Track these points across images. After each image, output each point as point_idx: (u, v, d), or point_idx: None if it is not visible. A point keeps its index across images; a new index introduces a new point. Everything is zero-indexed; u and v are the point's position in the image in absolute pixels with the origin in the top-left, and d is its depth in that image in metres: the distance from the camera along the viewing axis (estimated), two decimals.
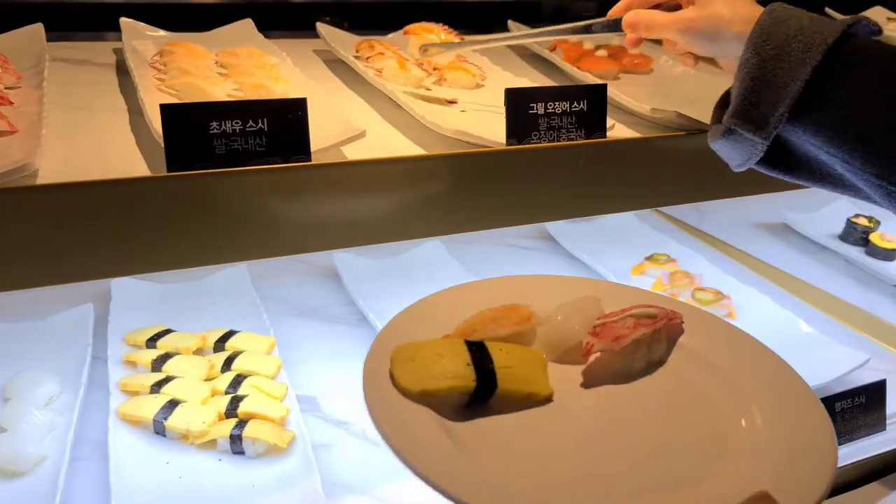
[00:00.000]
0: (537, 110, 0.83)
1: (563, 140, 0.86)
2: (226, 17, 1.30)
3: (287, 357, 1.25)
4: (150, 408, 1.07)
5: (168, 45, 1.11)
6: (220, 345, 1.25)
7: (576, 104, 0.86)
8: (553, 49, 1.32)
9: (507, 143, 0.84)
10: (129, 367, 1.20)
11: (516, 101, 0.83)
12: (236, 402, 1.10)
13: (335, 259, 1.54)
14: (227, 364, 1.19)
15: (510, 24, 1.43)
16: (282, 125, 0.72)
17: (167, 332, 1.27)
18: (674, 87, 1.20)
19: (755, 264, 1.72)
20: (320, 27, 1.30)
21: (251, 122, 0.71)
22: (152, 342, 1.24)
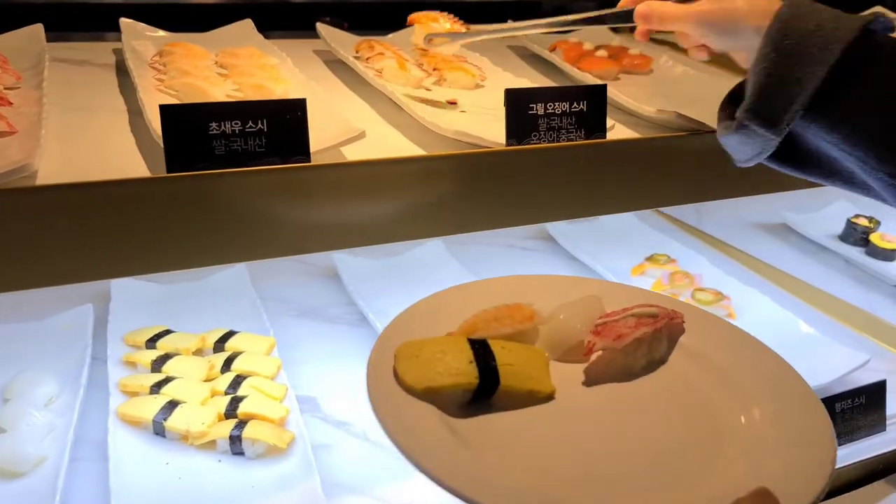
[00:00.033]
0: (537, 111, 0.83)
1: (563, 140, 0.86)
2: (225, 18, 1.30)
3: (287, 357, 1.25)
4: (150, 408, 1.07)
5: (168, 46, 1.11)
6: (219, 345, 1.25)
7: (575, 105, 0.85)
8: (553, 49, 1.32)
9: (507, 143, 0.84)
10: (128, 368, 1.20)
11: (516, 102, 0.83)
12: (236, 402, 1.10)
13: (335, 259, 1.54)
14: (227, 365, 1.19)
15: (510, 24, 1.42)
16: (281, 126, 0.72)
17: (167, 332, 1.27)
18: (674, 88, 1.20)
19: (755, 265, 1.72)
20: (320, 27, 1.30)
21: (251, 123, 0.71)
22: (152, 343, 1.24)
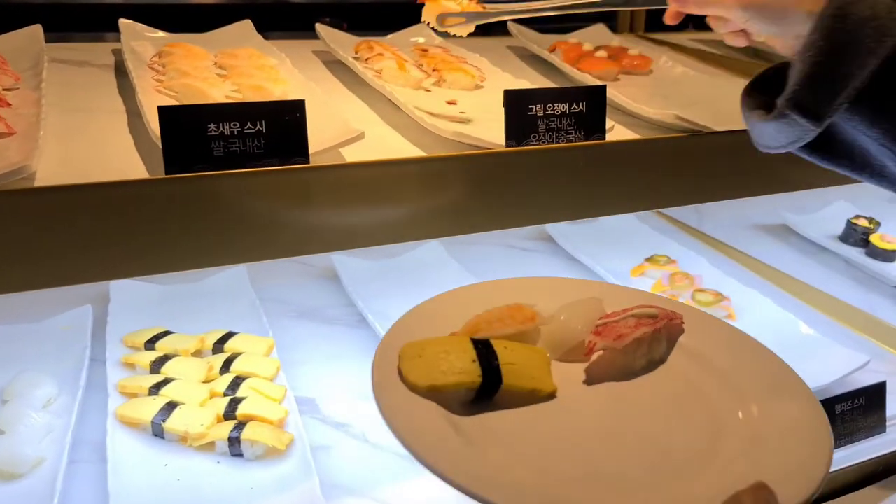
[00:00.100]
0: (536, 112, 0.83)
1: (563, 142, 0.86)
2: (225, 19, 1.30)
3: (286, 358, 1.25)
4: (149, 410, 1.07)
5: (167, 47, 1.11)
6: (218, 346, 1.25)
7: (575, 106, 0.85)
8: (553, 50, 1.32)
9: (507, 144, 0.83)
10: (127, 369, 1.20)
11: (515, 103, 0.83)
12: (235, 404, 1.09)
13: (334, 260, 1.53)
14: (226, 366, 1.19)
15: (509, 25, 1.43)
16: (280, 127, 0.72)
17: (166, 333, 1.26)
18: (673, 89, 1.20)
19: (755, 266, 1.72)
20: (319, 28, 1.30)
21: (249, 124, 0.71)
22: (151, 344, 1.24)
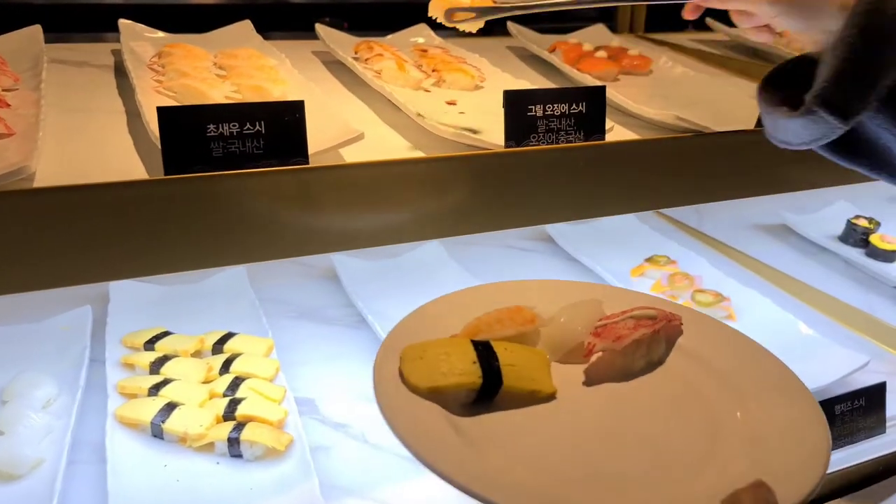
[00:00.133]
0: (536, 112, 0.83)
1: (562, 142, 0.86)
2: (224, 19, 1.30)
3: (285, 359, 1.25)
4: (148, 411, 1.07)
5: (166, 47, 1.11)
6: (218, 347, 1.25)
7: (574, 106, 0.85)
8: (552, 50, 1.32)
9: (506, 145, 0.83)
10: (126, 370, 1.20)
11: (514, 103, 0.83)
12: (234, 404, 1.09)
13: (334, 261, 1.53)
14: (226, 366, 1.19)
15: (509, 25, 1.42)
16: (279, 128, 0.72)
17: (165, 334, 1.26)
18: (673, 89, 1.20)
19: (755, 266, 1.72)
20: (319, 28, 1.30)
21: (248, 125, 0.71)
22: (150, 344, 1.24)
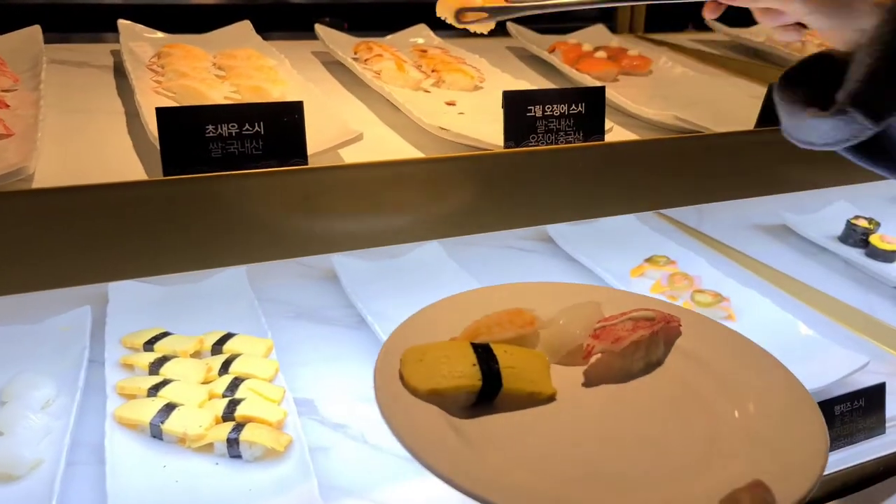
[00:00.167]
0: (535, 113, 0.83)
1: (561, 143, 0.86)
2: (224, 19, 1.30)
3: (285, 360, 1.25)
4: (147, 411, 1.07)
5: (166, 47, 1.11)
6: (217, 347, 1.25)
7: (574, 107, 0.85)
8: (552, 51, 1.32)
9: (505, 145, 0.83)
10: (126, 371, 1.20)
11: (514, 104, 0.83)
12: (233, 405, 1.09)
13: (334, 261, 1.53)
14: (225, 367, 1.19)
15: (509, 25, 1.42)
16: (278, 128, 0.72)
17: (165, 334, 1.26)
18: (673, 89, 1.20)
19: (755, 266, 1.72)
20: (318, 29, 1.30)
21: (247, 126, 0.71)
22: (150, 345, 1.24)
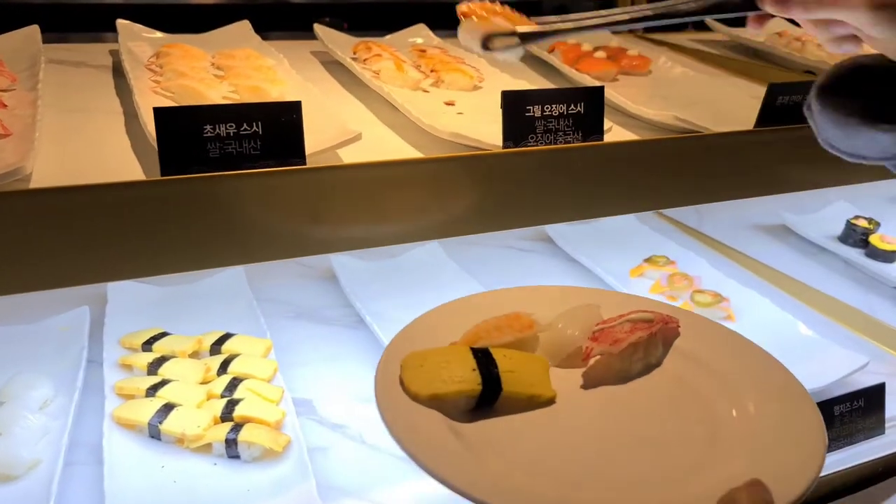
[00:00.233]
0: (534, 113, 0.83)
1: (561, 143, 0.85)
2: (223, 19, 1.30)
3: (283, 360, 1.25)
4: (146, 411, 1.07)
5: (164, 47, 1.10)
6: (216, 348, 1.25)
7: (573, 106, 0.85)
8: (552, 51, 1.32)
9: (504, 145, 0.83)
10: (124, 371, 1.20)
11: (513, 104, 0.83)
12: (232, 405, 1.09)
13: (332, 261, 1.53)
14: (224, 367, 1.19)
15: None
16: (276, 128, 0.72)
17: (163, 335, 1.26)
18: (672, 89, 1.20)
19: (754, 266, 1.72)
20: (318, 29, 1.30)
21: (245, 126, 0.70)
22: (148, 345, 1.23)
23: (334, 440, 1.12)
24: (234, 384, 1.14)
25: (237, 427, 1.05)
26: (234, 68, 1.04)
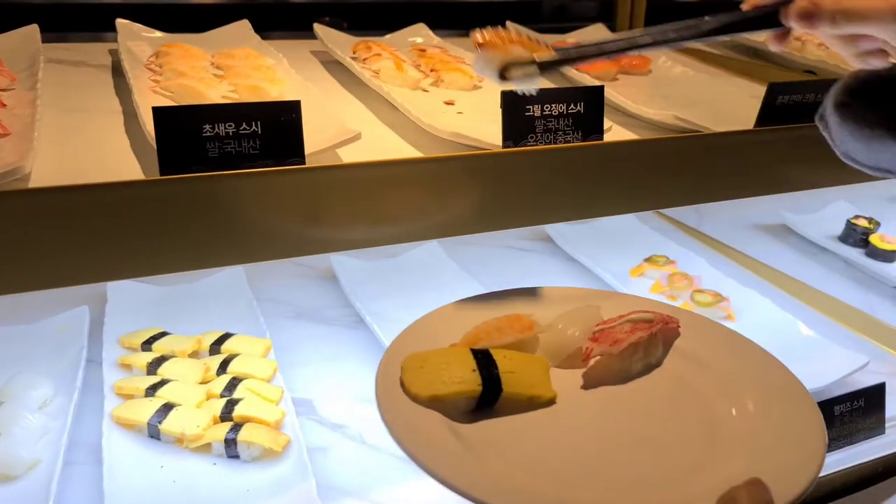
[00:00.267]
0: (534, 112, 0.83)
1: (560, 142, 0.85)
2: (222, 19, 1.29)
3: (283, 360, 1.25)
4: (145, 411, 1.07)
5: (164, 47, 1.10)
6: (215, 347, 1.24)
7: (573, 106, 0.85)
8: None
9: (504, 145, 0.83)
10: (123, 370, 1.19)
11: (512, 103, 0.82)
12: (231, 405, 1.09)
13: (332, 261, 1.53)
14: (223, 367, 1.18)
15: (508, 25, 1.42)
16: (275, 128, 0.72)
17: (163, 334, 1.26)
18: (672, 89, 1.20)
19: (754, 266, 1.72)
20: (317, 28, 1.30)
21: (244, 125, 0.70)
22: (147, 345, 1.23)
23: (334, 440, 1.12)
24: (233, 384, 1.14)
25: (237, 427, 1.05)
26: (234, 68, 1.04)
